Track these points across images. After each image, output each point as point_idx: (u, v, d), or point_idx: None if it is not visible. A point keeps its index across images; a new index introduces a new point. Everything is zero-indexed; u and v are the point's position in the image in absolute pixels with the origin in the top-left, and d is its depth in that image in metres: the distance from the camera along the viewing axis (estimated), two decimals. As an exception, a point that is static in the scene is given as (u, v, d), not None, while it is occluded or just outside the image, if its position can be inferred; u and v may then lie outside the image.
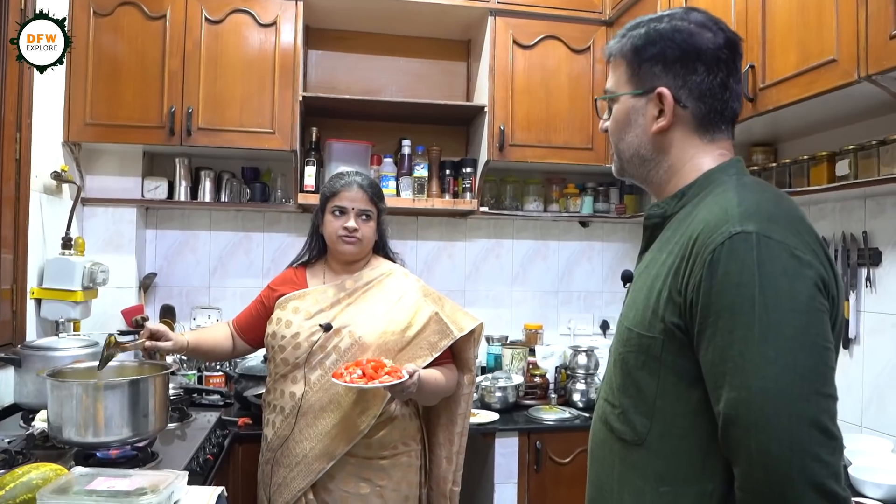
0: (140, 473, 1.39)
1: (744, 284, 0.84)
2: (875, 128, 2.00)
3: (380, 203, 2.02)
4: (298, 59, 2.75)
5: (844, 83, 1.70)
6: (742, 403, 0.83)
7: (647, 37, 1.05)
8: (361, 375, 1.72)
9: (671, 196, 1.06)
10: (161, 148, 2.79)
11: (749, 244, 0.85)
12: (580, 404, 2.80)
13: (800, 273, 0.85)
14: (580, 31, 2.97)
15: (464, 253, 3.30)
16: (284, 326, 1.93)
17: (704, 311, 0.87)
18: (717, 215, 0.91)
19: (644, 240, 1.12)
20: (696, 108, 1.03)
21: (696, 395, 0.91)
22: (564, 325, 3.37)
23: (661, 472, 0.95)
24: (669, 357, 0.93)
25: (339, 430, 1.85)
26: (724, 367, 0.85)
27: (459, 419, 2.02)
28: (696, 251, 0.90)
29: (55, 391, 1.60)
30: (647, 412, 0.97)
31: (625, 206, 3.23)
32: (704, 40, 1.02)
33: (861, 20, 1.64)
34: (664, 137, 1.05)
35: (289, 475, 1.88)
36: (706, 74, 1.02)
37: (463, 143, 3.27)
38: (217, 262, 3.08)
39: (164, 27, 2.65)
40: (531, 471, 2.55)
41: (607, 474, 1.04)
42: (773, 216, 0.89)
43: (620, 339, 1.04)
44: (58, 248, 2.45)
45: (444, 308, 1.99)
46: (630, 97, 1.07)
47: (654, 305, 0.96)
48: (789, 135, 2.38)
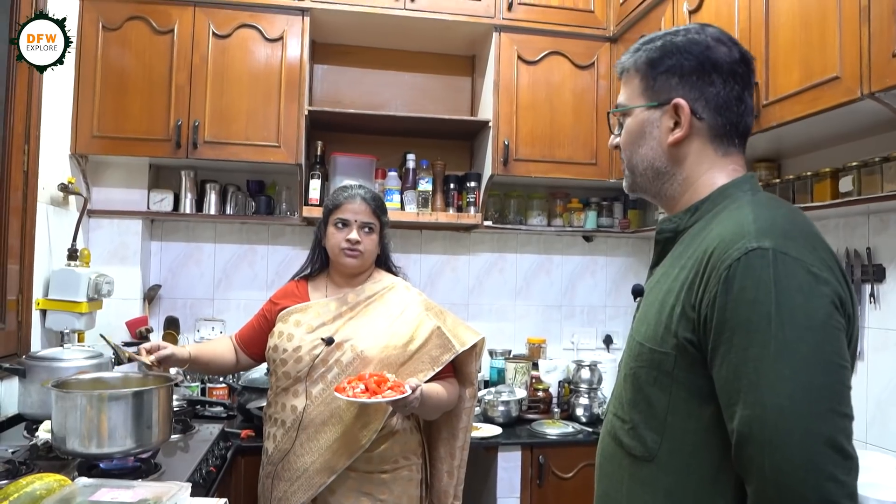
0: (143, 485, 1.39)
1: (760, 301, 0.84)
2: (878, 144, 2.01)
3: (382, 216, 2.02)
4: (304, 74, 2.77)
5: (847, 100, 1.71)
6: (756, 421, 0.82)
7: (664, 49, 1.06)
8: (364, 390, 1.71)
9: (684, 210, 1.06)
10: (167, 161, 2.81)
11: (765, 260, 0.85)
12: (583, 419, 2.80)
13: (816, 290, 0.85)
14: (584, 47, 2.99)
15: (467, 267, 3.30)
16: (286, 340, 1.93)
17: (719, 327, 0.87)
18: (733, 231, 0.91)
19: (655, 254, 1.11)
20: (712, 120, 1.03)
21: (708, 411, 0.91)
22: (568, 340, 3.36)
23: (671, 489, 0.94)
24: (681, 373, 0.93)
25: (341, 444, 1.84)
26: (738, 384, 0.84)
27: (461, 433, 2.01)
28: (712, 266, 0.90)
29: (59, 402, 1.60)
30: (657, 428, 0.96)
31: (629, 221, 3.23)
32: (721, 54, 1.03)
33: (864, 38, 1.65)
34: (679, 149, 1.05)
35: (289, 489, 1.87)
36: (723, 87, 1.03)
37: (467, 158, 3.29)
38: (221, 274, 3.09)
39: (171, 41, 2.67)
40: (534, 485, 2.54)
41: (616, 490, 1.03)
42: (788, 232, 0.89)
43: (632, 353, 1.03)
44: (64, 260, 2.46)
45: (447, 322, 1.99)
46: (644, 110, 1.07)
47: (667, 321, 0.95)
48: (793, 151, 2.39)
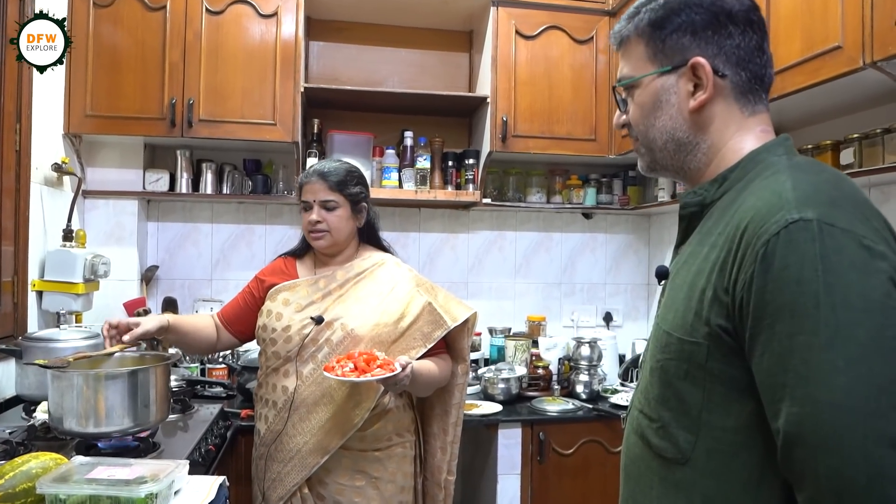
0: (141, 462, 1.39)
1: (805, 281, 0.73)
2: (880, 116, 1.98)
3: (346, 189, 1.92)
4: (300, 51, 2.73)
5: (850, 70, 1.69)
6: (807, 420, 0.72)
7: (668, 7, 0.95)
8: (353, 369, 1.69)
9: (710, 181, 0.95)
10: (162, 140, 2.78)
11: (810, 233, 0.74)
12: (583, 395, 2.80)
13: (871, 266, 0.74)
14: (583, 21, 2.95)
15: (466, 245, 3.29)
16: (275, 319, 1.90)
17: (758, 312, 0.77)
18: (770, 201, 0.80)
19: (680, 231, 1.01)
20: (735, 76, 0.93)
21: (749, 407, 0.81)
22: (567, 317, 3.36)
23: (710, 495, 0.85)
24: (716, 365, 0.83)
25: (333, 424, 1.83)
26: (783, 377, 0.74)
27: (453, 409, 2.01)
28: (746, 243, 0.79)
29: (56, 382, 1.59)
30: (690, 427, 0.86)
31: (628, 198, 3.21)
32: (733, 2, 0.94)
33: (866, 6, 1.62)
34: (703, 114, 0.95)
35: (283, 470, 1.86)
36: (742, 37, 0.93)
37: (465, 135, 3.26)
38: (219, 254, 3.07)
39: (164, 18, 2.63)
40: (534, 462, 2.54)
41: (644, 494, 0.94)
42: (835, 200, 0.78)
43: (658, 344, 0.93)
44: (59, 241, 2.44)
45: (438, 298, 1.96)
46: (656, 77, 0.96)
47: (697, 306, 0.85)
48: (794, 124, 2.36)
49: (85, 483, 1.23)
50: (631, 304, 3.41)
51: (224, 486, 1.47)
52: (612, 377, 2.99)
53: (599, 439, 2.59)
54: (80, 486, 1.22)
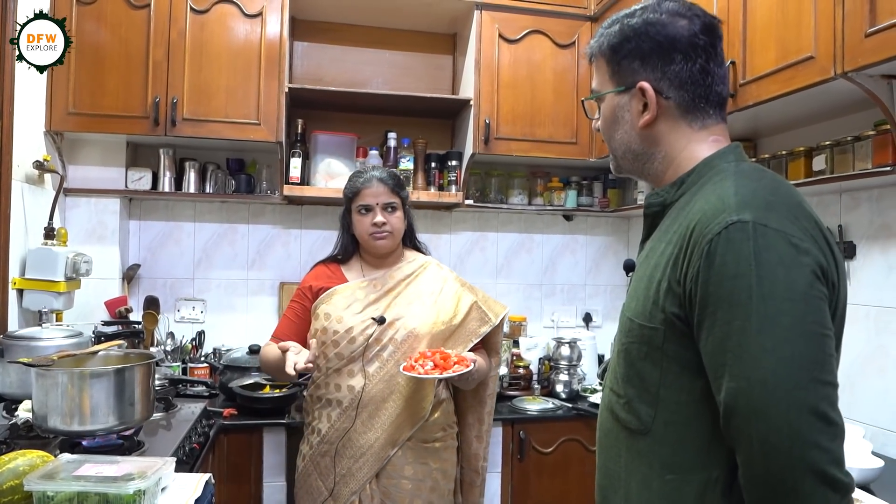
0: (128, 460, 1.40)
1: (741, 275, 0.84)
2: (850, 124, 2.05)
3: (402, 192, 2.07)
4: (284, 51, 2.74)
5: (822, 80, 1.74)
6: (742, 393, 0.83)
7: (622, 33, 1.06)
8: (434, 367, 1.81)
9: (670, 184, 1.06)
10: (145, 138, 2.78)
11: (745, 233, 0.85)
12: (563, 395, 2.84)
13: (797, 261, 0.85)
14: (566, 26, 2.99)
15: (449, 245, 3.32)
16: (336, 322, 1.97)
17: (703, 301, 0.88)
18: (714, 204, 0.91)
19: (645, 228, 1.12)
20: (678, 98, 1.03)
21: (700, 383, 0.92)
22: (548, 318, 3.40)
23: (667, 460, 0.96)
24: (671, 347, 0.94)
25: (405, 417, 1.94)
26: (723, 357, 0.86)
27: (489, 399, 2.15)
28: (694, 241, 0.90)
29: (40, 380, 1.60)
30: (651, 401, 0.97)
31: (608, 200, 3.26)
32: (678, 29, 1.02)
33: (838, 18, 1.67)
34: (652, 130, 1.06)
35: (354, 465, 1.93)
36: (684, 63, 1.02)
37: (448, 136, 3.29)
38: (201, 253, 3.07)
39: (148, 16, 2.63)
40: (515, 460, 2.58)
41: (615, 462, 1.05)
42: (770, 204, 0.89)
43: (623, 329, 1.04)
44: (40, 239, 2.43)
45: (479, 296, 2.11)
46: (614, 95, 1.08)
47: (655, 296, 0.96)
48: (769, 130, 2.43)
49: (73, 480, 1.24)
50: (610, 304, 3.47)
51: (210, 483, 1.48)
52: (591, 377, 3.04)
53: (579, 438, 2.64)
54: (68, 482, 1.23)
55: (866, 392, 2.09)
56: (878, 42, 1.56)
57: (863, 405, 2.10)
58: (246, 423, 2.36)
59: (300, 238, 3.15)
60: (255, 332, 3.01)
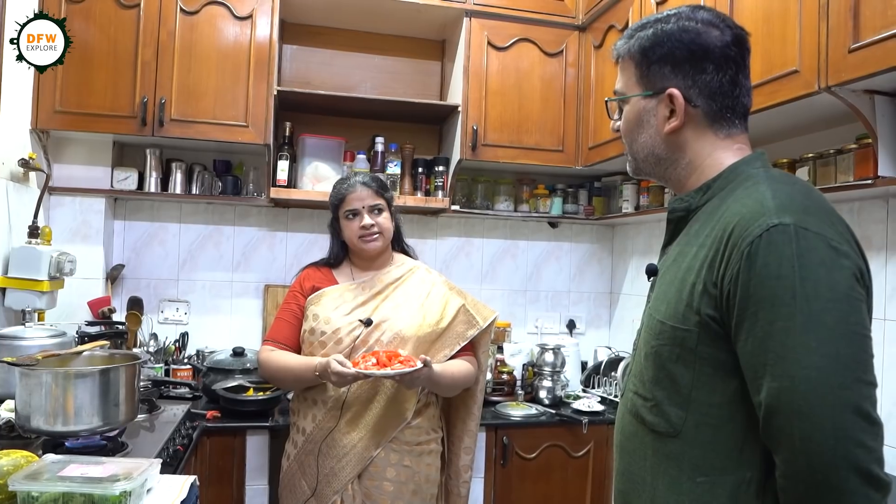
0: (113, 461, 1.39)
1: (784, 276, 0.86)
2: (833, 137, 2.08)
3: (386, 193, 2.09)
4: (274, 53, 2.74)
5: (805, 93, 1.78)
6: (785, 392, 0.84)
7: (655, 38, 1.06)
8: (375, 364, 1.80)
9: (696, 189, 1.06)
10: (132, 138, 2.76)
11: (787, 236, 0.87)
12: (546, 401, 2.85)
13: (838, 263, 0.86)
14: (554, 34, 3.02)
15: (434, 251, 3.33)
16: (324, 323, 1.99)
17: (743, 302, 0.88)
18: (753, 208, 0.92)
19: (668, 233, 1.12)
20: (707, 107, 1.04)
21: (733, 385, 0.93)
22: (532, 324, 3.42)
23: (698, 462, 0.96)
24: (705, 349, 0.94)
25: (388, 418, 1.95)
26: (764, 357, 0.86)
27: (477, 411, 2.16)
28: (733, 244, 0.91)
29: (24, 379, 1.58)
30: (682, 403, 0.98)
31: (593, 208, 3.29)
32: (712, 39, 1.03)
33: (822, 33, 1.71)
34: (677, 137, 1.06)
35: (337, 465, 1.94)
36: (715, 73, 1.03)
37: (436, 142, 3.30)
38: (186, 254, 3.05)
39: (137, 16, 2.62)
40: (497, 465, 2.59)
41: (639, 466, 1.05)
42: (808, 208, 0.90)
43: (652, 332, 1.04)
44: (24, 237, 2.40)
45: (468, 300, 2.13)
46: (641, 98, 1.08)
47: (688, 298, 0.96)
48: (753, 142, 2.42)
49: (58, 480, 1.23)
50: (594, 311, 3.49)
51: (195, 485, 1.48)
52: (574, 383, 3.06)
53: (561, 444, 2.65)
54: (53, 483, 1.22)
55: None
56: (861, 57, 1.60)
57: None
58: (229, 426, 2.35)
59: (286, 241, 3.15)
60: (239, 335, 3.00)
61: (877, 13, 1.57)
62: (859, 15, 1.61)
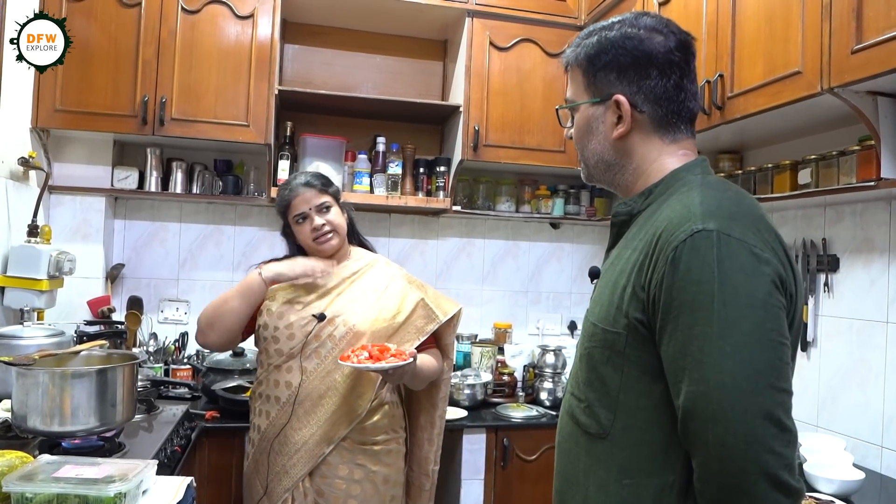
0: (109, 462, 1.38)
1: (704, 281, 0.86)
2: (836, 139, 2.07)
3: (330, 188, 2.05)
4: (275, 53, 2.74)
5: (808, 94, 1.77)
6: (700, 397, 0.85)
7: (600, 45, 1.07)
8: (368, 357, 1.79)
9: (639, 194, 1.08)
10: (132, 137, 2.75)
11: (710, 242, 0.88)
12: (547, 403, 2.84)
13: (758, 270, 0.87)
14: (556, 35, 3.01)
15: (435, 251, 3.32)
16: (277, 318, 1.96)
17: (666, 306, 0.90)
18: (680, 213, 0.93)
19: (611, 237, 1.14)
20: (652, 112, 1.05)
21: (659, 389, 0.93)
22: (533, 325, 3.41)
23: (624, 465, 0.97)
24: (633, 352, 0.96)
25: (340, 414, 1.91)
26: (683, 361, 0.87)
27: (440, 402, 2.10)
28: (660, 248, 0.92)
29: (21, 379, 1.58)
30: (610, 406, 0.99)
31: (595, 209, 3.28)
32: (655, 45, 1.04)
33: (825, 35, 1.70)
34: (625, 142, 1.07)
35: (288, 462, 1.91)
36: (660, 78, 1.04)
37: (437, 142, 3.29)
38: (187, 254, 3.05)
39: (139, 15, 2.61)
40: (498, 467, 2.58)
41: (574, 466, 1.06)
42: (734, 214, 0.91)
43: (586, 334, 1.06)
44: (23, 236, 2.40)
45: (428, 294, 2.07)
46: (589, 105, 1.09)
47: (619, 301, 0.98)
48: (755, 143, 2.45)
49: (52, 482, 1.22)
50: (595, 313, 3.47)
51: (191, 487, 1.47)
52: (575, 385, 3.04)
53: (562, 445, 2.64)
54: (48, 484, 1.21)
55: (847, 404, 2.12)
56: (864, 59, 1.59)
57: (844, 417, 2.12)
58: (228, 427, 2.34)
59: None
60: (240, 335, 2.99)
61: (880, 14, 1.56)
62: (862, 16, 1.60)
